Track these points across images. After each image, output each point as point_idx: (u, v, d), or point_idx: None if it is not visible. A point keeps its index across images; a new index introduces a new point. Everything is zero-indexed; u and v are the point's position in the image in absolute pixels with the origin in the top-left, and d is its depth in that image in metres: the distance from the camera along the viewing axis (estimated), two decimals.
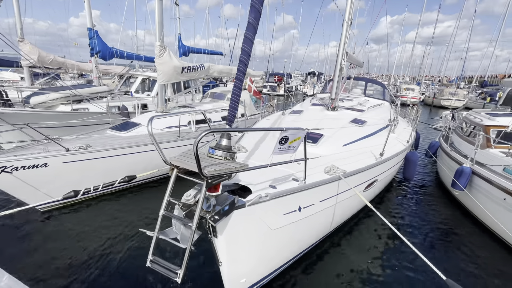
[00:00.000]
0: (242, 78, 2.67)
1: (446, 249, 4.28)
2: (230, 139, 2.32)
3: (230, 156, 2.20)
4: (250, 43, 2.56)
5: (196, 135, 6.31)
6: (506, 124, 5.23)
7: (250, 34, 2.50)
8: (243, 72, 2.66)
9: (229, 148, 2.26)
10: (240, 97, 2.80)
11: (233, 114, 2.78)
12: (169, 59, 6.45)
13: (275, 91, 26.94)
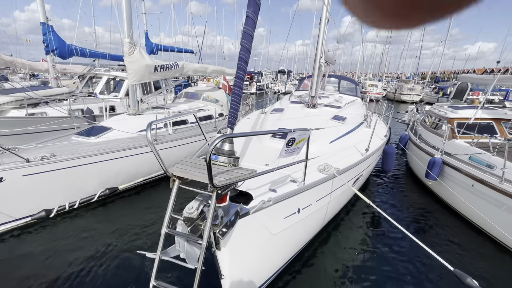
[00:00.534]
0: (242, 76, 2.51)
1: (426, 232, 4.59)
2: (232, 143, 2.16)
3: (234, 162, 2.05)
4: (250, 38, 2.40)
5: (174, 138, 6.10)
6: (468, 116, 5.71)
7: (249, 28, 2.34)
8: (243, 70, 2.50)
9: (232, 153, 2.10)
10: (241, 98, 2.63)
11: (234, 116, 2.60)
12: (140, 57, 6.01)
13: (246, 89, 26.82)
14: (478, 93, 27.43)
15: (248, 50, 2.45)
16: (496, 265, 3.83)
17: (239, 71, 2.49)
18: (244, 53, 2.45)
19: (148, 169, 5.57)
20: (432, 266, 3.64)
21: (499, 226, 3.87)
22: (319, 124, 4.78)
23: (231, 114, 2.62)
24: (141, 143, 5.24)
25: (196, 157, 2.42)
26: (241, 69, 2.48)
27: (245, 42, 2.41)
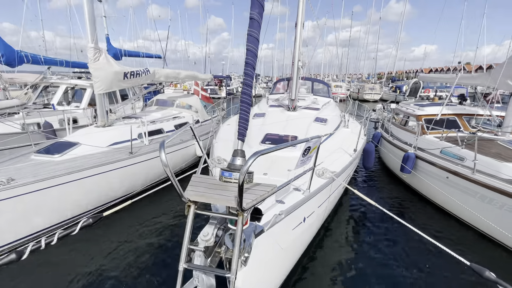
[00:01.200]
0: (250, 83, 2.34)
1: (406, 220, 4.86)
2: (245, 157, 1.99)
3: (249, 178, 1.88)
4: (256, 41, 2.25)
5: (151, 149, 5.67)
6: (435, 113, 6.16)
7: (254, 31, 2.19)
8: (251, 76, 2.33)
9: None
10: (251, 106, 2.45)
11: (245, 127, 2.41)
12: (106, 63, 5.51)
13: (216, 94, 26.44)
14: (428, 90, 30.26)
15: (255, 54, 2.29)
16: (472, 249, 4.13)
17: (247, 77, 2.32)
18: (251, 58, 2.28)
19: (128, 185, 5.10)
20: (442, 260, 3.77)
21: (474, 213, 4.18)
22: (304, 127, 4.79)
23: (241, 125, 2.42)
24: (115, 158, 4.77)
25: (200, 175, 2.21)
26: (249, 75, 2.30)
27: (251, 46, 2.25)
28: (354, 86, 34.94)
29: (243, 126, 2.43)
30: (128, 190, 5.14)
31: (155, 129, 6.44)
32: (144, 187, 5.43)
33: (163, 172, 5.86)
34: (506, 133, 5.19)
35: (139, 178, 5.32)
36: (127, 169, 4.93)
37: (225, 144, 4.45)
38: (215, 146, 4.37)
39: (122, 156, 4.89)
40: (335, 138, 5.09)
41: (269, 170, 3.00)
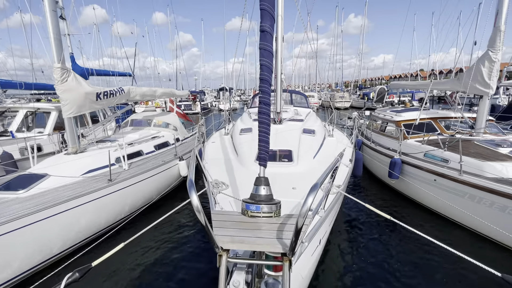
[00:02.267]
0: (268, 101, 2.14)
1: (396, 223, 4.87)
2: (269, 185, 1.78)
3: (277, 209, 1.67)
4: (270, 55, 2.07)
5: (131, 174, 5.20)
6: (413, 118, 6.44)
7: (267, 45, 2.01)
8: (268, 93, 2.13)
9: (271, 197, 1.71)
10: (270, 127, 2.23)
11: (266, 151, 2.17)
12: (76, 84, 5.04)
13: (190, 109, 25.93)
14: (392, 96, 32.23)
15: (270, 69, 2.09)
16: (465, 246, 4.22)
17: (264, 96, 2.12)
18: (266, 74, 2.08)
19: (109, 216, 4.58)
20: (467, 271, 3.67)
21: (465, 213, 4.32)
22: (295, 140, 4.70)
23: (262, 148, 2.17)
24: (93, 187, 4.26)
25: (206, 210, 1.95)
26: (266, 93, 2.10)
27: (266, 61, 2.05)
28: (325, 95, 36.45)
29: (264, 149, 2.17)
30: (110, 221, 4.62)
31: (134, 151, 5.97)
32: (127, 216, 4.92)
33: (147, 198, 5.40)
34: (480, 133, 5.53)
35: (121, 207, 4.81)
36: (107, 198, 4.43)
37: (217, 164, 4.19)
38: (206, 167, 4.08)
39: (101, 185, 4.39)
40: (326, 149, 5.06)
41: (274, 187, 2.82)
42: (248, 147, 4.44)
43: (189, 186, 1.45)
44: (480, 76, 5.30)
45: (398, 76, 67.49)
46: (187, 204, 2.98)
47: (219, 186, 3.11)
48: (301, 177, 3.43)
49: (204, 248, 4.34)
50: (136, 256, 4.12)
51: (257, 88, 13.31)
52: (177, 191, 6.70)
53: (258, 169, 3.89)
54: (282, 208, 1.88)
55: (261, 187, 1.80)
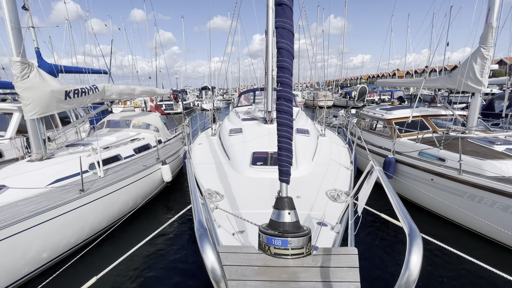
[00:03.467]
0: (290, 110, 1.70)
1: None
2: (294, 207, 1.39)
3: (309, 243, 1.28)
4: (291, 56, 1.64)
5: (108, 182, 4.62)
6: (406, 116, 6.34)
7: (287, 43, 1.58)
8: (290, 99, 1.67)
9: (299, 225, 1.32)
10: (292, 135, 1.78)
11: (288, 162, 1.71)
12: (40, 81, 4.39)
13: (172, 109, 25.02)
14: (373, 95, 32.97)
15: (290, 72, 1.64)
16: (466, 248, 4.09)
17: (284, 102, 1.64)
18: (287, 76, 1.62)
19: (81, 231, 4.00)
20: None
21: (465, 212, 4.19)
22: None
23: (283, 162, 1.72)
24: (62, 199, 3.68)
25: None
26: (287, 99, 1.65)
27: (286, 62, 1.60)
28: (308, 94, 36.71)
29: (286, 163, 1.69)
30: (81, 238, 4.04)
31: (110, 156, 5.37)
32: (103, 230, 4.37)
33: (126, 208, 4.85)
34: (472, 131, 5.50)
35: (95, 221, 4.24)
36: (79, 211, 3.85)
37: (206, 169, 3.76)
38: (195, 173, 3.63)
39: (71, 196, 3.81)
40: (321, 149, 4.78)
41: (269, 199, 2.44)
42: (240, 150, 4.04)
43: (199, 235, 1.01)
44: (472, 73, 5.25)
45: (376, 76, 69.81)
46: (176, 217, 2.56)
47: (212, 197, 2.69)
48: (303, 182, 3.10)
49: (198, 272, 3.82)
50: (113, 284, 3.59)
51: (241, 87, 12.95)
52: (160, 198, 6.17)
53: (254, 174, 3.55)
54: None
55: (285, 212, 1.40)
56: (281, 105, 1.65)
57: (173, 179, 6.49)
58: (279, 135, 1.71)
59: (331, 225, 2.13)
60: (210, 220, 2.09)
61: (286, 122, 1.65)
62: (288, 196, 1.62)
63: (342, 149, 5.17)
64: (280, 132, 1.71)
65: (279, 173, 1.72)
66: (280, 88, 1.61)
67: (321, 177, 3.26)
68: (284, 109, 1.63)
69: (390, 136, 6.49)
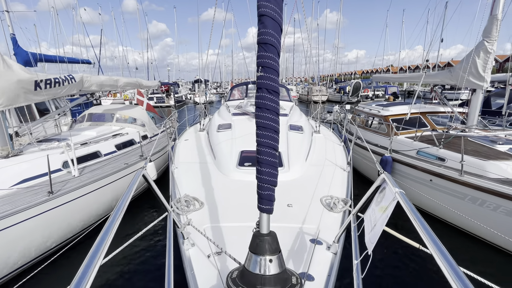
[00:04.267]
0: (275, 114, 1.20)
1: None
2: (279, 250, 1.04)
3: None
4: (275, 51, 1.15)
5: (82, 183, 4.22)
6: (401, 113, 6.07)
7: (270, 33, 1.12)
8: (275, 111, 1.20)
9: (286, 278, 0.98)
10: (278, 144, 1.32)
11: (272, 182, 1.23)
12: (4, 69, 3.92)
13: (164, 102, 24.38)
14: (367, 90, 32.90)
15: (276, 69, 1.16)
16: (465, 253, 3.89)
17: (265, 114, 1.17)
18: (270, 77, 1.15)
19: (49, 238, 3.63)
20: None
21: (465, 216, 3.98)
22: (282, 138, 4.04)
23: (264, 184, 1.21)
24: (26, 202, 3.28)
25: None
26: (272, 110, 1.17)
27: (269, 56, 1.13)
28: (302, 89, 36.38)
29: (269, 182, 1.21)
30: (49, 245, 3.66)
31: (88, 152, 4.96)
32: (74, 235, 4.00)
33: (104, 210, 4.48)
34: (472, 129, 5.27)
35: (67, 226, 3.86)
36: (46, 216, 3.47)
37: (189, 170, 3.41)
38: (175, 173, 3.27)
39: (37, 199, 3.42)
40: (316, 148, 4.47)
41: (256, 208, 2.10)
42: (227, 148, 3.69)
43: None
44: (474, 68, 4.99)
45: (370, 71, 69.85)
46: (159, 221, 2.20)
47: (190, 204, 2.34)
48: (295, 187, 2.79)
49: None
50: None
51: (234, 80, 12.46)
52: (142, 199, 5.79)
53: (241, 176, 3.21)
54: (279, 237, 1.15)
55: (265, 260, 1.03)
56: (262, 99, 1.15)
57: (159, 177, 6.12)
58: (258, 143, 1.19)
59: (326, 243, 1.82)
60: (179, 240, 1.75)
61: (270, 124, 1.15)
62: (271, 232, 1.19)
63: (338, 147, 4.88)
64: (260, 138, 1.18)
65: (258, 199, 1.22)
66: (261, 74, 1.12)
67: (315, 180, 2.96)
68: (267, 105, 1.14)
69: (387, 133, 6.23)
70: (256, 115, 1.20)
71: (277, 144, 1.21)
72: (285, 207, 2.33)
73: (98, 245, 1.04)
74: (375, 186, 1.46)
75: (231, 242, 1.81)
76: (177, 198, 2.43)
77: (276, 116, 1.20)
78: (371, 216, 1.35)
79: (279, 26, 1.16)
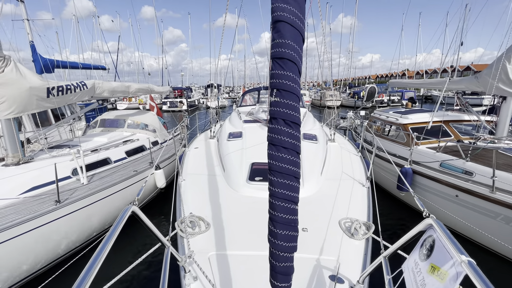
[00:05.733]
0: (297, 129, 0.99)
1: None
2: None
3: None
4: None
5: (91, 191, 4.09)
6: (425, 120, 5.70)
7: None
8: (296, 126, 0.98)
9: None
10: (299, 172, 1.11)
11: (292, 237, 1.04)
12: (17, 76, 3.95)
13: (176, 107, 24.68)
14: (382, 95, 32.06)
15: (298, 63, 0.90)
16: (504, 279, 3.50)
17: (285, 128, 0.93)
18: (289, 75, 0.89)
19: (55, 249, 3.56)
20: None
21: (496, 237, 3.61)
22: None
23: (280, 242, 0.98)
24: (32, 212, 3.23)
25: None
26: (292, 126, 0.93)
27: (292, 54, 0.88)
28: (315, 94, 35.94)
29: (287, 238, 1.01)
30: (55, 255, 3.60)
31: (98, 159, 4.92)
32: (80, 245, 3.92)
33: (112, 219, 4.39)
34: (502, 140, 4.86)
35: (74, 235, 3.79)
36: (52, 226, 3.40)
37: (197, 183, 3.23)
38: (182, 187, 3.11)
39: (44, 208, 3.36)
40: (331, 159, 4.22)
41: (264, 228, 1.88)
42: (237, 160, 3.51)
43: None
44: (505, 74, 4.60)
45: (385, 76, 68.32)
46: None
47: (195, 227, 2.16)
48: (310, 206, 2.55)
49: None
50: None
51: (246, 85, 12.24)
52: (152, 206, 5.71)
53: (251, 192, 2.99)
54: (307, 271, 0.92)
55: None
56: (277, 133, 0.91)
57: (168, 185, 6.04)
58: (272, 194, 0.93)
59: (349, 281, 1.58)
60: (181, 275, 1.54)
61: (287, 176, 0.91)
62: None
63: (354, 158, 4.59)
64: (274, 188, 0.93)
65: (270, 272, 0.97)
66: (277, 100, 0.89)
67: (332, 198, 2.72)
68: (284, 142, 0.90)
69: (406, 143, 5.87)
70: (269, 154, 0.95)
71: (296, 207, 0.96)
72: (300, 232, 2.11)
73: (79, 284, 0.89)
74: (416, 231, 1.23)
75: (240, 274, 1.61)
76: (181, 217, 2.26)
77: (296, 157, 0.93)
78: (414, 273, 1.10)
79: (300, 36, 0.90)
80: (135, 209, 1.35)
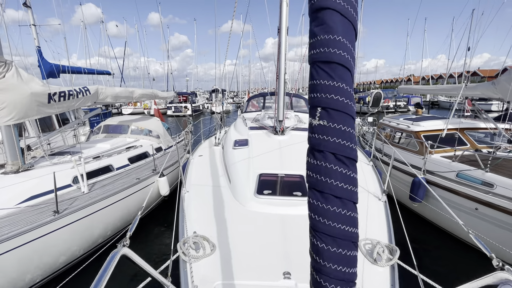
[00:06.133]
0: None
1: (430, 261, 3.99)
2: None
3: None
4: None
5: (91, 200, 3.73)
6: (438, 128, 5.47)
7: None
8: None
9: None
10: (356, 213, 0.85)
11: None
12: (18, 82, 3.85)
13: (180, 112, 24.70)
14: (388, 101, 31.79)
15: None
16: None
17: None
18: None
19: (53, 260, 3.40)
20: None
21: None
22: (304, 158, 3.63)
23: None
24: (30, 223, 3.08)
25: None
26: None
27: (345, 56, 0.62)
28: None
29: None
30: (53, 268, 3.43)
31: (100, 167, 4.78)
32: (80, 256, 3.75)
33: (114, 229, 4.24)
34: None
35: (74, 247, 3.63)
36: (50, 237, 3.25)
37: (201, 195, 3.05)
38: (186, 200, 2.92)
39: (42, 219, 3.21)
40: None
41: (280, 254, 1.67)
42: (244, 170, 3.32)
43: None
44: None
45: (389, 81, 67.92)
46: None
47: (199, 250, 1.96)
48: None
49: None
50: None
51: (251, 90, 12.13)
52: (157, 213, 5.54)
53: (259, 207, 2.80)
54: None
55: None
56: (327, 147, 0.67)
57: (172, 192, 5.87)
58: (316, 231, 0.71)
59: None
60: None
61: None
62: None
63: (366, 167, 4.37)
64: (318, 221, 0.70)
65: None
66: (321, 124, 0.65)
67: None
68: (337, 156, 0.67)
69: (419, 151, 5.64)
70: (311, 204, 0.71)
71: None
72: None
73: None
74: (483, 283, 1.03)
75: None
76: (184, 237, 2.08)
77: (353, 211, 0.72)
78: None
79: (353, 29, 0.65)
80: (126, 251, 1.14)
